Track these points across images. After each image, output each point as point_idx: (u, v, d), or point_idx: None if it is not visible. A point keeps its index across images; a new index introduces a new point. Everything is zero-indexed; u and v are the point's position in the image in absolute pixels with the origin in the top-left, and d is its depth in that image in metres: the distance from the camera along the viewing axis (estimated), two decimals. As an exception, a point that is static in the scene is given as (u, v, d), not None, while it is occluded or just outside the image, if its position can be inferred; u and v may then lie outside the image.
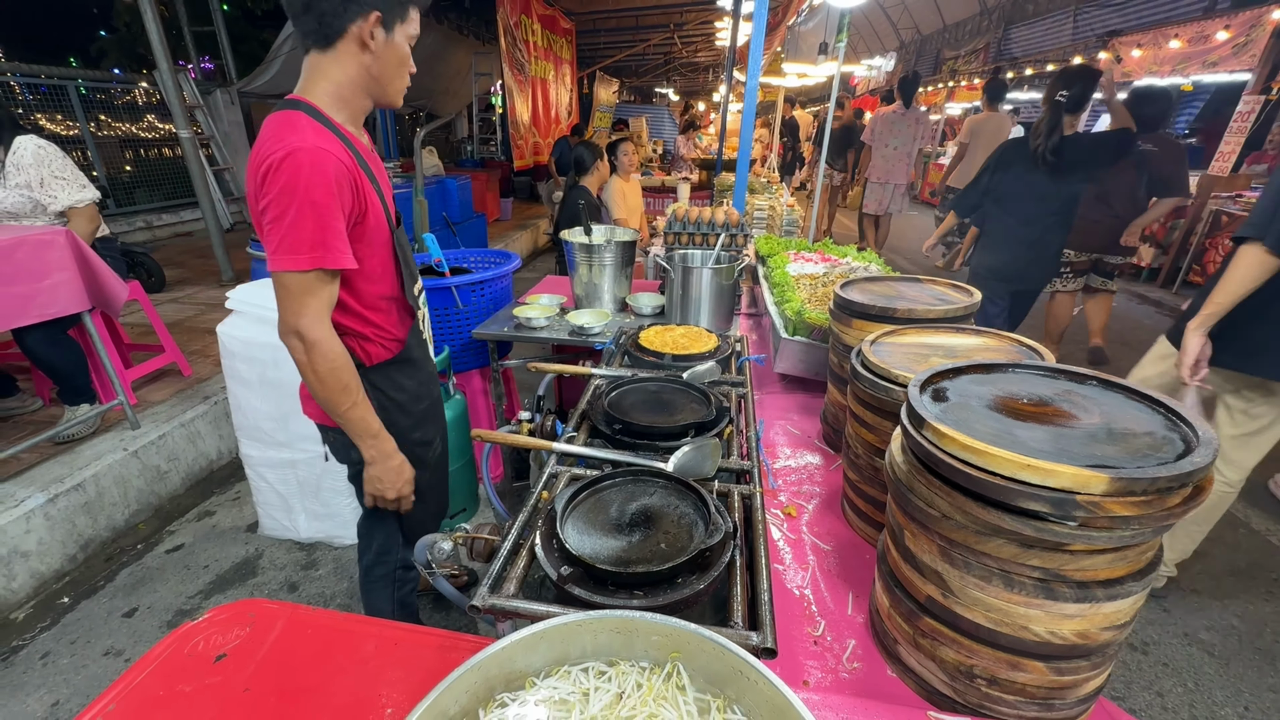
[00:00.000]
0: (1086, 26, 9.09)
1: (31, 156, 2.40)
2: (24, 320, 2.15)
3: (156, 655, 0.82)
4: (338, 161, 1.09)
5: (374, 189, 1.20)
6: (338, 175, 1.09)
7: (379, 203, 1.21)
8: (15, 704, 1.80)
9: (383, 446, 1.28)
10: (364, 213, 1.17)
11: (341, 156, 1.11)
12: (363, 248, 1.20)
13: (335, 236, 1.10)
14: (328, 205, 1.08)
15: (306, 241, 1.08)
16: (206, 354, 3.56)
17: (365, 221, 1.18)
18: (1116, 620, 0.67)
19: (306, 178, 1.05)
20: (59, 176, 2.47)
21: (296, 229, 1.07)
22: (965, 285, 1.36)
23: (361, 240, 1.19)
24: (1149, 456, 0.63)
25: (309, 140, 1.06)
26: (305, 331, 1.13)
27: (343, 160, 1.11)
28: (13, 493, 2.23)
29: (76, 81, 6.34)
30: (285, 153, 1.05)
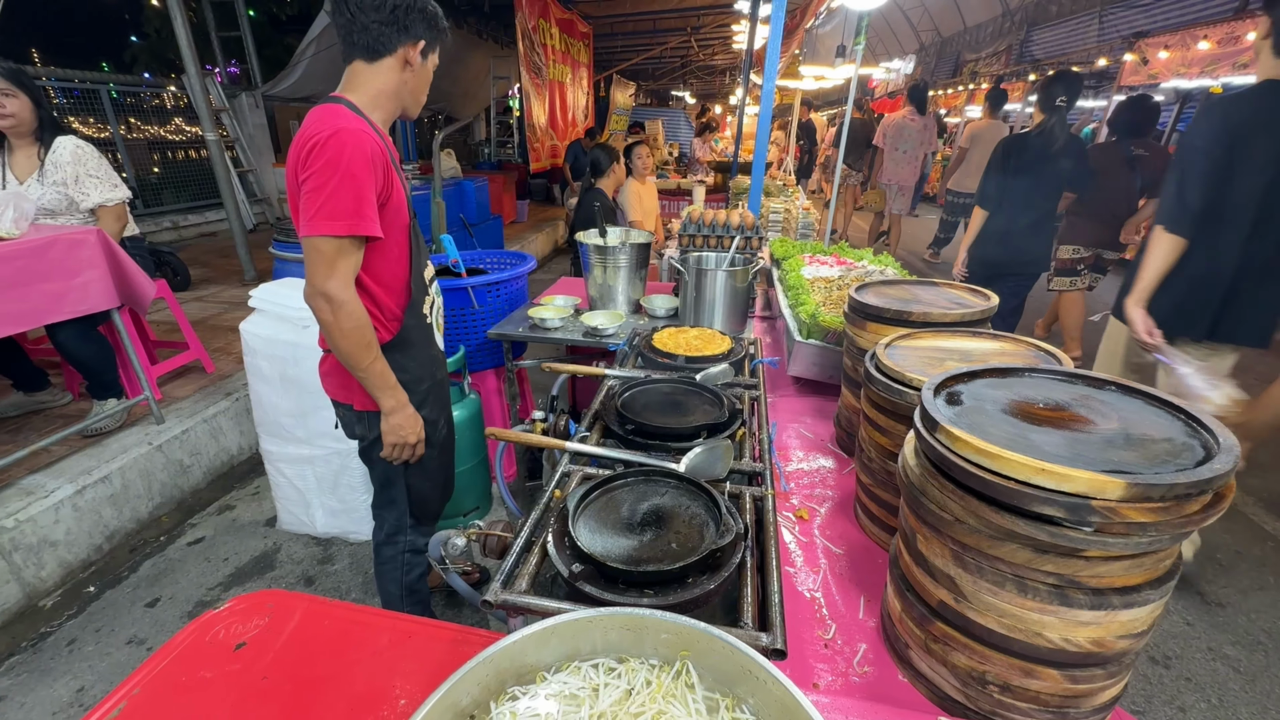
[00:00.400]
0: (1112, 28, 8.93)
1: (69, 155, 2.48)
2: (57, 316, 2.22)
3: (180, 642, 0.84)
4: (375, 143, 1.25)
5: (399, 177, 1.35)
6: (374, 155, 1.24)
7: (402, 190, 1.37)
8: (43, 689, 1.86)
9: (400, 396, 1.42)
10: (389, 195, 1.31)
11: (374, 141, 1.26)
12: (384, 227, 1.32)
13: (369, 207, 1.25)
14: (365, 180, 1.22)
15: (345, 210, 1.21)
16: (229, 351, 3.63)
17: (389, 204, 1.32)
18: (1133, 629, 0.66)
19: (350, 154, 1.19)
20: (93, 175, 2.55)
21: (336, 198, 1.20)
22: (981, 289, 1.35)
23: (384, 220, 1.31)
24: (1167, 463, 0.62)
25: (352, 123, 1.22)
26: (334, 293, 1.25)
27: (378, 144, 1.26)
28: (43, 484, 2.30)
29: (108, 85, 6.52)
30: (331, 132, 1.19)
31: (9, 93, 2.35)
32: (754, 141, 3.13)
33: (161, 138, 7.94)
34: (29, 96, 2.40)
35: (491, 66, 9.26)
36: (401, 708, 0.75)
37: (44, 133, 2.47)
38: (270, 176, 7.69)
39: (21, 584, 2.14)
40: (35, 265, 2.11)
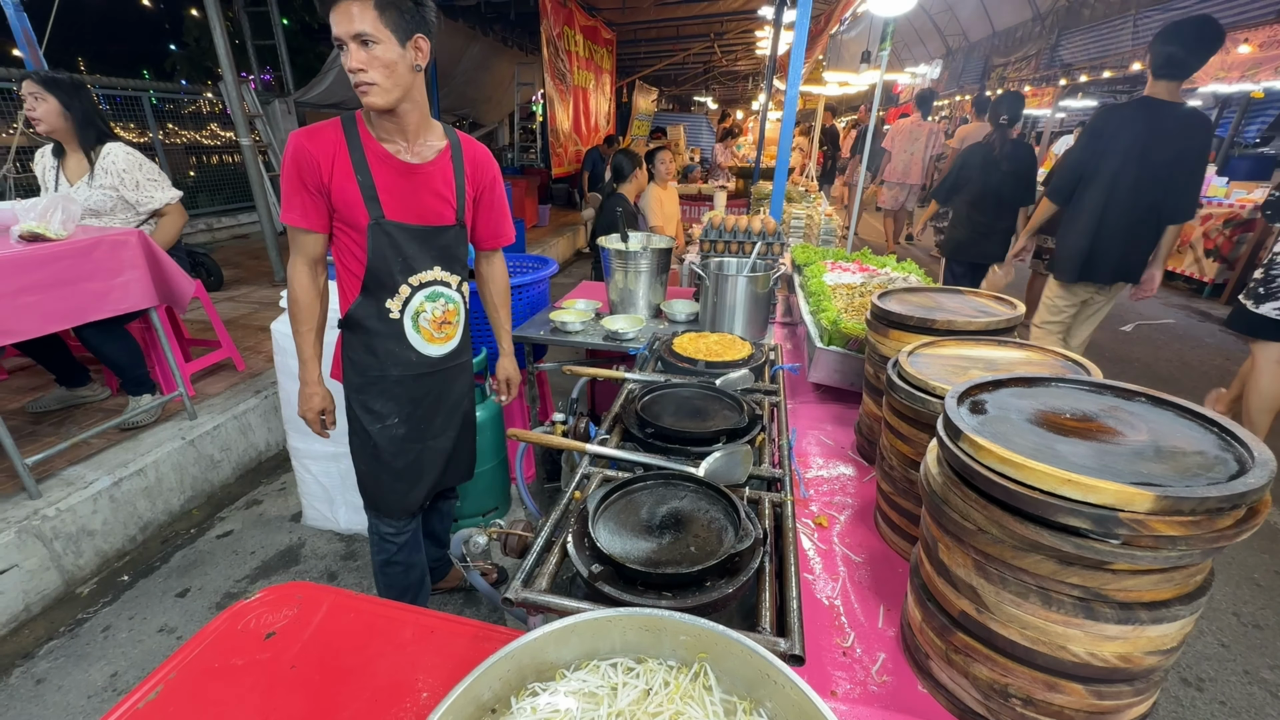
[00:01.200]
0: (1147, 31, 8.71)
1: (124, 161, 2.59)
2: (100, 314, 2.31)
3: (213, 630, 0.87)
4: (301, 147, 1.37)
5: (357, 183, 1.41)
6: (297, 158, 1.37)
7: (355, 192, 1.41)
8: (79, 672, 1.93)
9: (305, 374, 1.57)
10: (329, 195, 1.41)
11: (311, 145, 1.37)
12: (338, 222, 1.46)
13: (286, 200, 1.42)
14: (289, 178, 1.40)
15: (281, 201, 1.44)
16: (259, 350, 3.73)
17: (332, 202, 1.42)
18: (1162, 645, 0.65)
19: (284, 156, 1.40)
20: (151, 179, 2.67)
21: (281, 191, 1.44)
22: (1008, 298, 1.33)
23: (337, 216, 1.45)
24: (1199, 476, 0.61)
25: (301, 130, 1.39)
26: (290, 272, 1.50)
27: (308, 148, 1.37)
28: (83, 475, 2.39)
29: (149, 93, 6.76)
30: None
31: (39, 95, 2.45)
32: (776, 147, 3.12)
33: (197, 143, 8.22)
34: (59, 101, 2.48)
35: (516, 73, 9.40)
36: (424, 700, 0.76)
37: (87, 137, 2.58)
38: (300, 180, 7.88)
39: (61, 571, 2.23)
40: (81, 265, 2.20)
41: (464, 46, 8.30)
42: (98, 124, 2.59)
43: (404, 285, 1.52)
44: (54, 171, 2.58)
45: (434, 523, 2.03)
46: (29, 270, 2.04)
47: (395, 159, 1.44)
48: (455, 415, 1.75)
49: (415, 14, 1.30)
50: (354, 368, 1.59)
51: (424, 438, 1.68)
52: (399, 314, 1.54)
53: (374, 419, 1.60)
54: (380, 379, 1.58)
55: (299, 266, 1.49)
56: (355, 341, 1.56)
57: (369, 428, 1.61)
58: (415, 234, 1.49)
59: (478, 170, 1.59)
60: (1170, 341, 4.97)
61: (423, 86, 1.42)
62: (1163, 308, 5.91)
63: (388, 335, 1.55)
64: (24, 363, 3.32)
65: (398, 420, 1.63)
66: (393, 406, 1.61)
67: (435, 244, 1.54)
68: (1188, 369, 4.42)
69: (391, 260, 1.48)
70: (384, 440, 1.62)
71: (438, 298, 1.59)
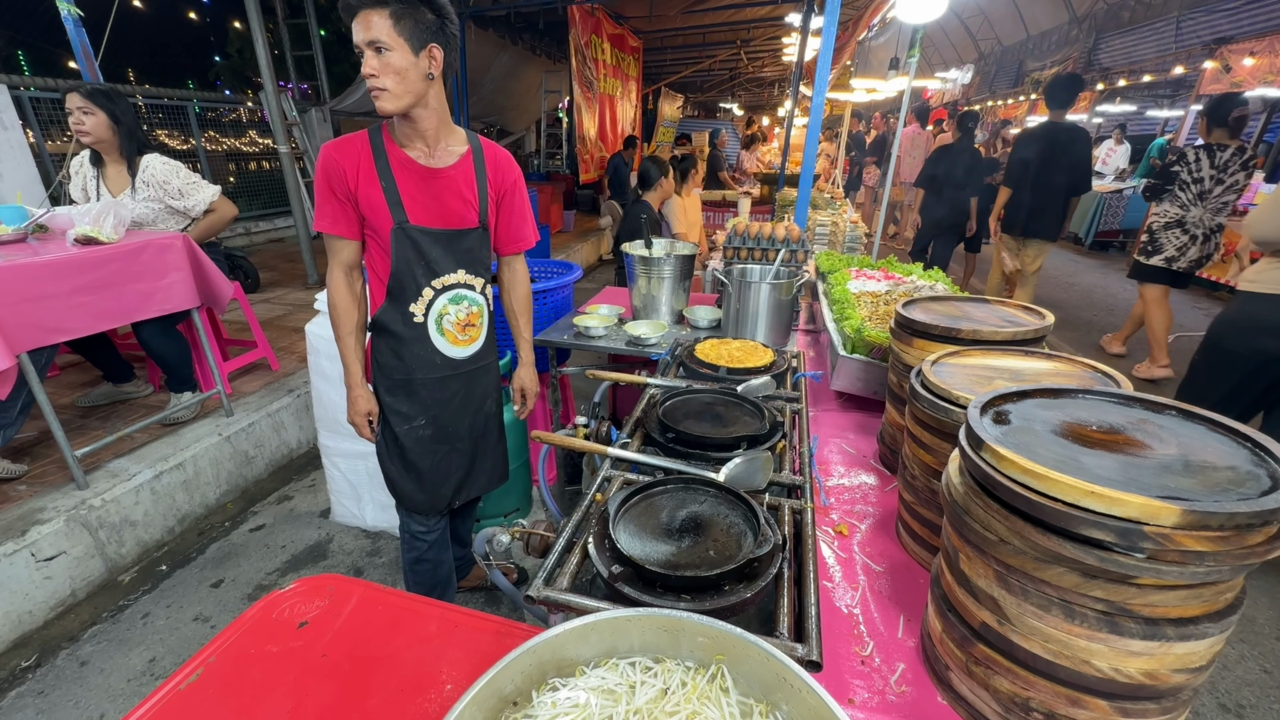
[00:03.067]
0: (1191, 33, 8.44)
1: (162, 172, 2.69)
2: (147, 314, 2.42)
3: (249, 617, 0.91)
4: (329, 157, 1.44)
5: (382, 188, 1.46)
6: (325, 166, 1.44)
7: (379, 198, 1.46)
8: (120, 656, 2.01)
9: (350, 378, 1.61)
10: (356, 201, 1.47)
11: (338, 155, 1.43)
12: (367, 229, 1.52)
13: (318, 209, 1.49)
14: (319, 187, 1.47)
15: (315, 210, 1.52)
16: (292, 350, 3.85)
17: (359, 209, 1.48)
18: (1190, 663, 0.63)
19: (316, 165, 1.48)
20: (190, 182, 2.78)
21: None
22: (1036, 307, 1.31)
23: (366, 223, 1.51)
24: (1229, 491, 0.60)
25: (331, 142, 1.46)
26: (328, 279, 1.56)
27: (335, 157, 1.43)
28: (126, 468, 2.50)
29: (193, 102, 7.05)
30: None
31: (88, 110, 2.54)
32: (802, 153, 3.12)
33: (237, 149, 8.53)
34: (107, 115, 2.57)
35: (544, 81, 9.53)
36: (448, 692, 0.79)
37: (129, 149, 2.67)
38: (334, 186, 8.12)
39: (105, 559, 2.33)
40: (129, 267, 2.31)
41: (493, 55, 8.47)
42: (139, 135, 2.70)
43: (427, 288, 1.56)
44: (94, 181, 2.69)
45: (457, 523, 2.07)
46: (83, 272, 2.16)
47: (417, 164, 1.48)
48: (480, 417, 1.77)
49: (432, 25, 1.35)
50: (381, 371, 1.63)
51: (451, 439, 1.72)
52: (423, 317, 1.58)
53: (401, 420, 1.65)
54: (407, 381, 1.62)
55: (335, 272, 1.55)
56: (382, 345, 1.61)
57: (397, 429, 1.65)
58: (438, 237, 1.53)
59: (499, 172, 1.61)
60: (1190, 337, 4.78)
61: (440, 93, 1.45)
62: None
63: (412, 339, 1.59)
64: (74, 359, 3.48)
65: (424, 422, 1.66)
66: (419, 408, 1.65)
67: (459, 247, 1.57)
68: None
69: (414, 264, 1.52)
70: (411, 441, 1.66)
71: (461, 300, 1.62)
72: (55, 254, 2.11)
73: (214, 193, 2.83)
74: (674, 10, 8.45)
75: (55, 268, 2.08)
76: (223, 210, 2.88)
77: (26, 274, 2.01)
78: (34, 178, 3.66)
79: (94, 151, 2.67)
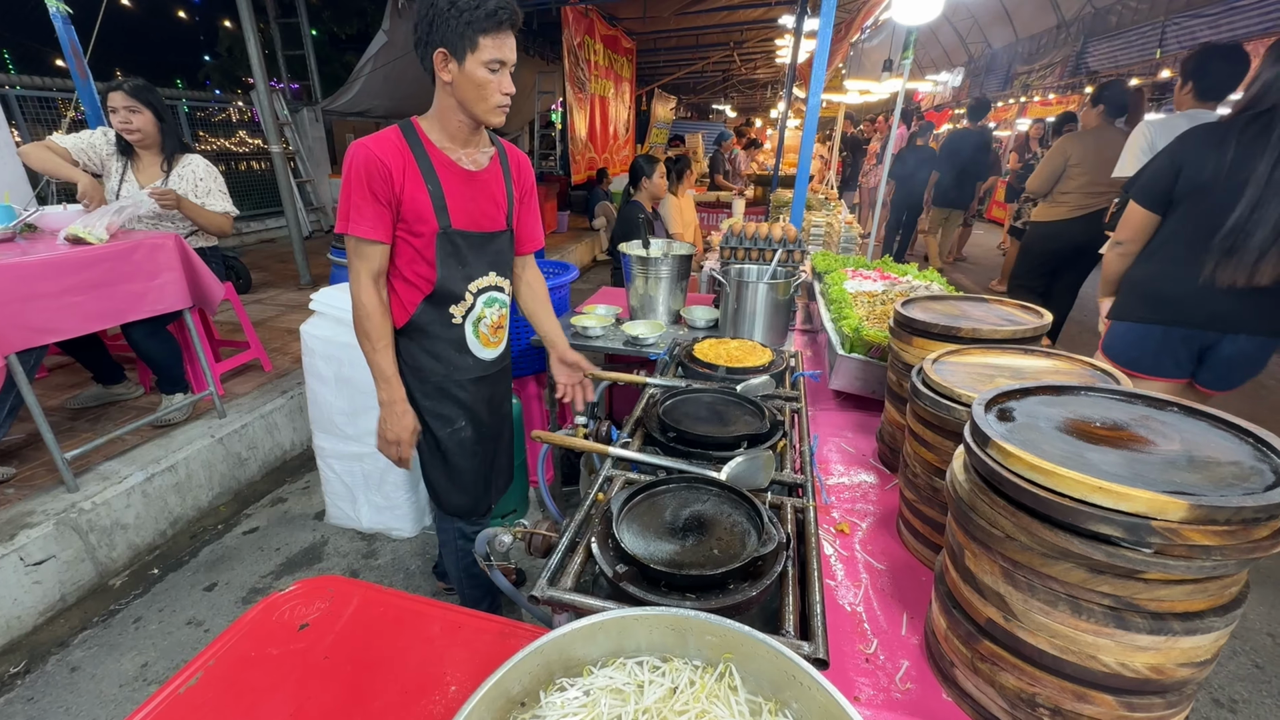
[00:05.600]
0: (1176, 38, 8.55)
1: (204, 170, 2.80)
2: (138, 314, 2.39)
3: (249, 620, 0.90)
4: (372, 156, 1.35)
5: (428, 192, 1.42)
6: (369, 167, 1.35)
7: (427, 205, 1.43)
8: (111, 661, 1.98)
9: (393, 392, 1.51)
10: (399, 204, 1.40)
11: (381, 154, 1.35)
12: (403, 231, 1.45)
13: (356, 211, 1.38)
14: (357, 188, 1.37)
15: (341, 212, 1.40)
16: (285, 351, 3.82)
17: (401, 212, 1.42)
18: (1195, 657, 0.64)
19: (350, 166, 1.36)
20: (222, 190, 2.87)
21: (340, 202, 1.41)
22: (1034, 306, 1.32)
23: (402, 225, 1.44)
24: (1234, 486, 0.61)
25: (371, 139, 1.37)
26: (351, 287, 1.45)
27: (380, 157, 1.35)
28: (117, 470, 2.47)
29: (182, 101, 6.98)
30: (350, 147, 1.38)
31: (134, 109, 2.58)
32: (796, 155, 3.13)
33: (227, 149, 8.44)
34: (153, 112, 2.64)
35: (537, 81, 9.52)
36: (452, 694, 0.78)
37: (167, 146, 2.71)
38: (326, 187, 8.07)
39: (95, 563, 2.30)
40: (120, 267, 2.28)
41: (487, 56, 8.41)
42: (178, 133, 2.73)
43: (467, 292, 1.55)
44: (121, 168, 2.69)
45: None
46: (73, 272, 2.13)
47: (458, 167, 1.47)
48: (499, 417, 1.80)
49: None
50: (418, 375, 1.58)
51: (485, 440, 1.73)
52: (461, 320, 1.57)
53: (444, 424, 1.63)
54: (446, 383, 1.60)
55: (365, 281, 1.44)
56: (416, 349, 1.56)
57: (439, 433, 1.63)
58: (474, 240, 1.52)
59: (521, 174, 1.64)
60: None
61: None
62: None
63: (449, 341, 1.57)
64: (63, 361, 3.44)
65: (464, 423, 1.66)
66: (459, 410, 1.64)
67: (490, 249, 1.57)
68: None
69: (456, 268, 1.51)
70: (454, 444, 1.65)
71: (494, 303, 1.63)
72: (44, 254, 2.08)
73: (229, 209, 2.90)
74: (668, 12, 8.47)
75: (44, 267, 2.05)
76: (223, 218, 2.89)
77: (14, 274, 1.98)
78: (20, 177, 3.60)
79: (122, 140, 2.66)
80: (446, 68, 1.34)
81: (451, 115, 1.42)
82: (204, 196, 2.80)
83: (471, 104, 1.38)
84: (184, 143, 2.80)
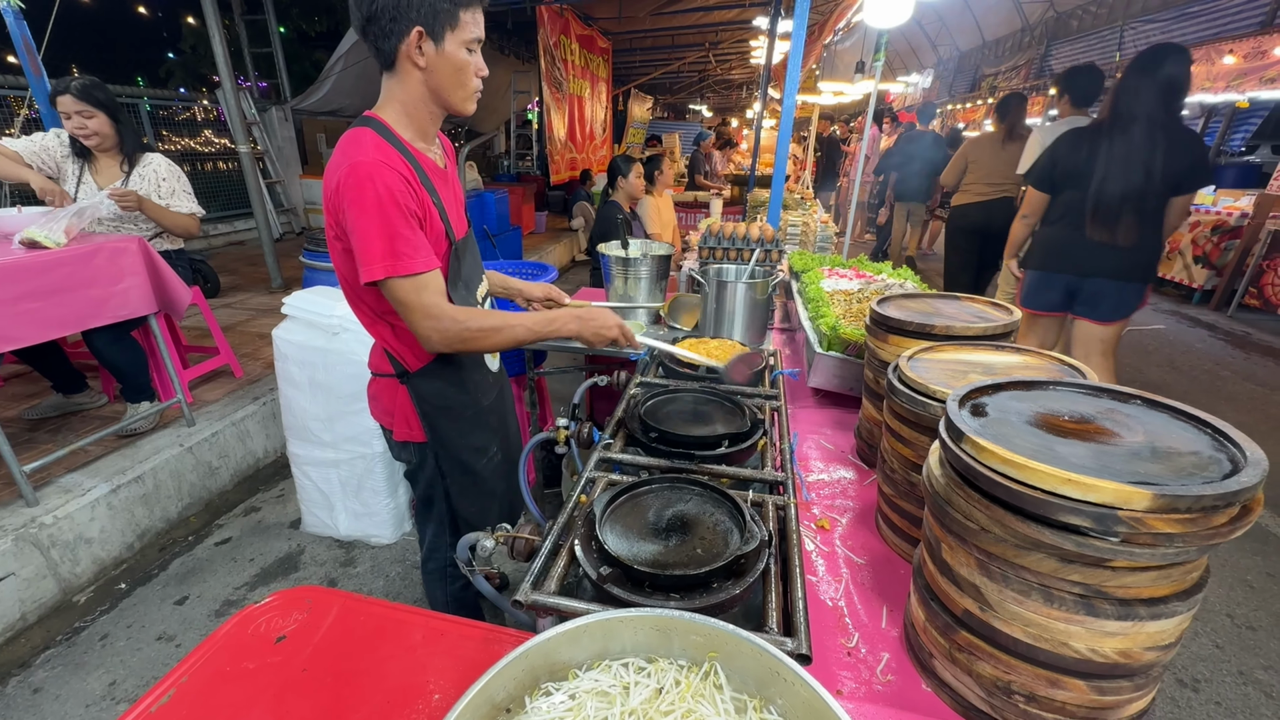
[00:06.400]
0: (1134, 42, 8.85)
1: (166, 170, 2.70)
2: (100, 320, 2.31)
3: (223, 634, 0.88)
4: (397, 175, 1.15)
5: (434, 204, 1.24)
6: (398, 187, 1.14)
7: (439, 218, 1.26)
8: (76, 681, 1.91)
9: (562, 321, 1.33)
10: (423, 223, 1.22)
11: (400, 169, 1.16)
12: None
13: (406, 244, 1.15)
14: (400, 218, 1.14)
15: (380, 252, 1.13)
16: (257, 356, 3.73)
17: (425, 231, 1.22)
18: (1161, 640, 0.66)
19: (364, 193, 1.11)
20: (186, 190, 2.78)
21: (370, 243, 1.13)
22: (1004, 304, 1.36)
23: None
24: (1194, 475, 0.63)
25: (369, 155, 1.12)
26: (436, 322, 1.19)
27: (402, 173, 1.16)
28: (80, 482, 2.38)
29: (143, 100, 6.76)
30: (348, 168, 1.12)
31: (87, 114, 2.46)
32: (772, 155, 3.16)
33: (193, 150, 8.20)
34: (107, 114, 2.52)
35: (513, 81, 9.44)
36: (436, 702, 0.77)
37: (126, 145, 2.60)
38: (297, 187, 7.90)
39: (58, 579, 2.21)
40: (80, 272, 2.20)
41: (461, 55, 8.33)
42: (136, 132, 2.63)
43: (483, 303, 1.46)
44: (78, 171, 2.60)
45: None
46: (29, 277, 2.04)
47: (435, 166, 1.30)
48: (512, 425, 1.72)
49: None
50: (446, 414, 1.43)
51: (511, 453, 1.66)
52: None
53: (479, 456, 1.51)
54: (477, 413, 1.48)
55: (442, 304, 1.20)
56: (441, 387, 1.40)
57: (475, 466, 1.50)
58: (464, 247, 1.37)
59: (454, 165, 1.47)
60: (1160, 347, 5.04)
61: None
62: (1153, 314, 5.98)
63: (470, 365, 1.45)
64: (20, 369, 3.30)
65: (496, 449, 1.57)
66: (489, 435, 1.54)
67: (471, 253, 1.44)
68: (1178, 374, 4.47)
69: (464, 284, 1.37)
70: (489, 471, 1.55)
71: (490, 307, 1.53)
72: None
73: (195, 210, 2.81)
74: (643, 12, 8.47)
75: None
76: (190, 219, 2.80)
77: (-33, 280, 1.89)
78: (-30, 179, 3.47)
79: (77, 141, 2.55)
80: (421, 49, 1.16)
81: (421, 107, 1.24)
82: (168, 197, 2.72)
83: (448, 91, 1.22)
84: (144, 142, 2.71)
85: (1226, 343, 5.14)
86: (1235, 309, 5.82)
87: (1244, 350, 4.96)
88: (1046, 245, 2.77)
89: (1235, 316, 5.77)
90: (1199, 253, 6.11)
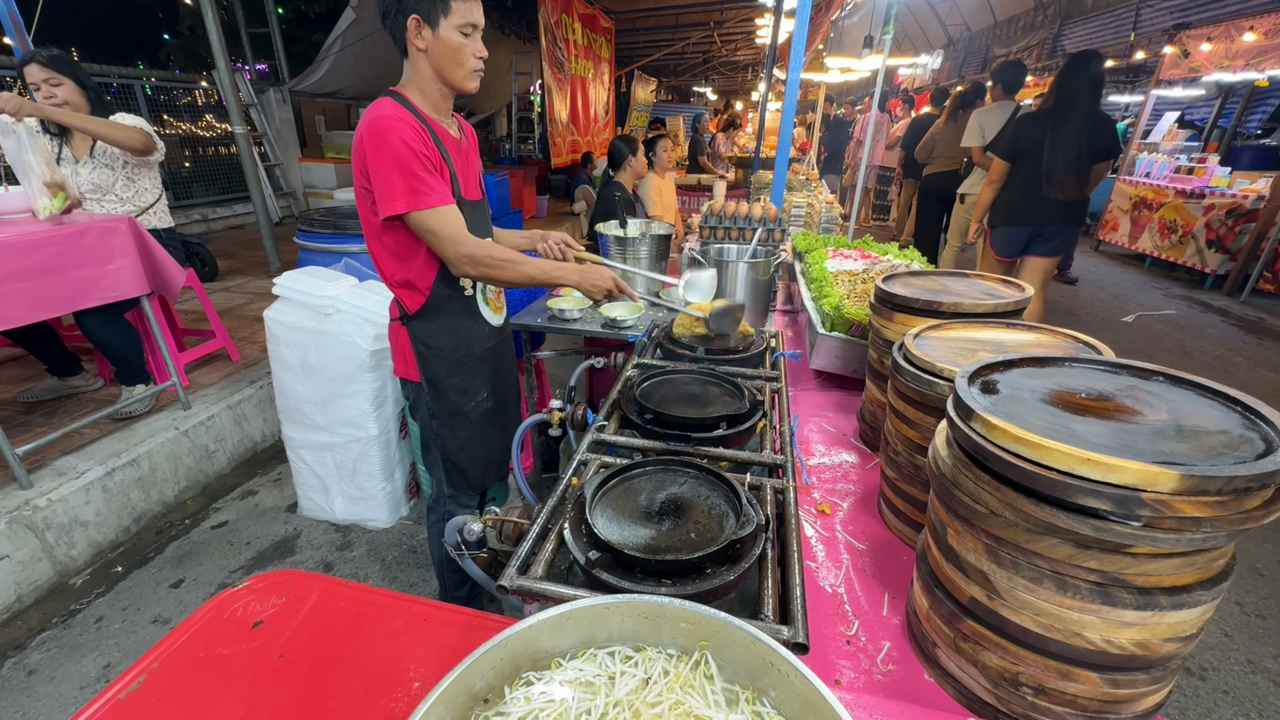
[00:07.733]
0: (1150, 20, 8.63)
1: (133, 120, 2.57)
2: (90, 302, 2.27)
3: (198, 619, 0.85)
4: (413, 123, 1.34)
5: (445, 161, 1.42)
6: (413, 134, 1.32)
7: (449, 175, 1.44)
8: (71, 664, 1.91)
9: (565, 270, 1.50)
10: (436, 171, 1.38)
11: (413, 123, 1.34)
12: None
13: (420, 183, 1.33)
14: (416, 160, 1.32)
15: (396, 191, 1.32)
16: (254, 340, 3.70)
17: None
18: (1182, 631, 0.62)
19: (383, 142, 1.30)
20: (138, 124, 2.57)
21: (387, 183, 1.32)
22: (1016, 280, 1.30)
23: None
24: (1224, 455, 0.59)
25: (388, 111, 1.33)
26: (463, 244, 1.38)
27: (418, 128, 1.35)
28: (75, 465, 2.36)
29: (142, 82, 6.68)
30: (369, 122, 1.32)
31: (55, 81, 2.42)
32: (776, 136, 3.08)
33: (192, 133, 8.10)
34: (75, 81, 2.47)
35: (513, 62, 9.30)
36: (416, 690, 0.74)
37: (96, 113, 2.54)
38: (296, 170, 7.81)
39: (53, 562, 2.20)
40: (69, 251, 2.16)
41: (461, 35, 8.18)
42: (104, 100, 2.58)
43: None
44: (56, 148, 2.56)
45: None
46: (17, 257, 2.00)
47: (450, 135, 1.49)
48: (511, 384, 1.84)
49: None
50: (437, 355, 1.59)
51: (505, 405, 1.79)
52: (472, 289, 1.60)
53: (467, 398, 1.65)
54: (466, 357, 1.63)
55: (462, 235, 1.39)
56: (433, 328, 1.57)
57: (464, 408, 1.65)
58: (472, 208, 1.55)
59: (474, 145, 1.67)
60: (1171, 332, 4.95)
61: None
62: (1164, 299, 5.89)
63: (464, 313, 1.60)
64: (15, 353, 3.28)
65: (486, 394, 1.70)
66: (480, 381, 1.68)
67: (482, 214, 1.61)
68: (1189, 359, 4.39)
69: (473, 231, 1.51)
70: (477, 415, 1.68)
71: None
72: (-16, 237, 1.96)
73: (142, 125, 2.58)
74: (646, -10, 8.30)
75: (-16, 252, 1.93)
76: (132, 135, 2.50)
77: (-49, 259, 1.86)
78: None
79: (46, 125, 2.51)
80: (420, 35, 1.34)
81: (431, 85, 1.43)
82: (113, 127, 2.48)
83: (448, 70, 1.40)
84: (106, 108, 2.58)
85: (1239, 328, 5.05)
86: (1249, 294, 5.72)
87: (1257, 336, 4.87)
88: (1011, 207, 3.49)
89: (1249, 302, 5.67)
90: (1212, 237, 5.98)
